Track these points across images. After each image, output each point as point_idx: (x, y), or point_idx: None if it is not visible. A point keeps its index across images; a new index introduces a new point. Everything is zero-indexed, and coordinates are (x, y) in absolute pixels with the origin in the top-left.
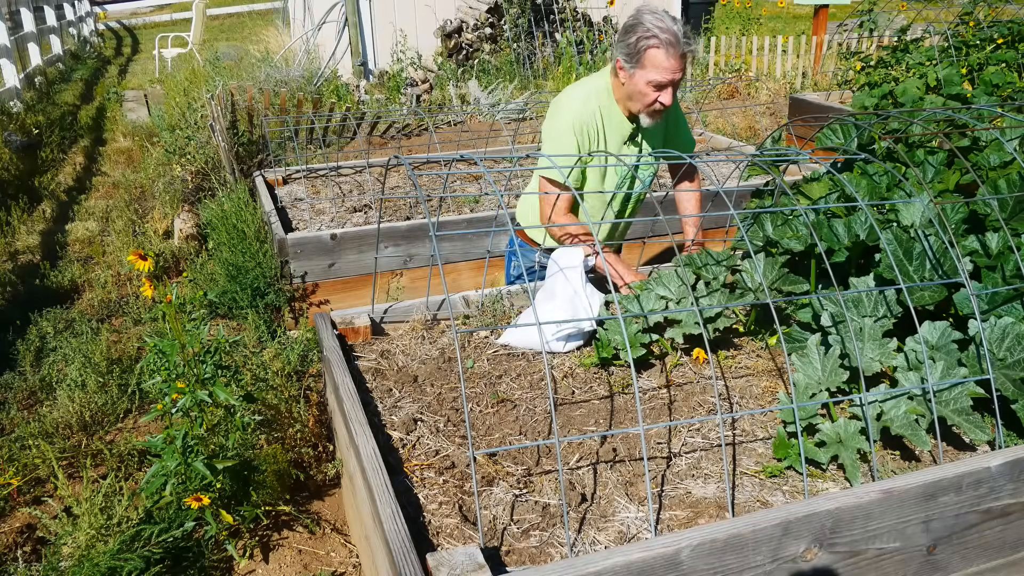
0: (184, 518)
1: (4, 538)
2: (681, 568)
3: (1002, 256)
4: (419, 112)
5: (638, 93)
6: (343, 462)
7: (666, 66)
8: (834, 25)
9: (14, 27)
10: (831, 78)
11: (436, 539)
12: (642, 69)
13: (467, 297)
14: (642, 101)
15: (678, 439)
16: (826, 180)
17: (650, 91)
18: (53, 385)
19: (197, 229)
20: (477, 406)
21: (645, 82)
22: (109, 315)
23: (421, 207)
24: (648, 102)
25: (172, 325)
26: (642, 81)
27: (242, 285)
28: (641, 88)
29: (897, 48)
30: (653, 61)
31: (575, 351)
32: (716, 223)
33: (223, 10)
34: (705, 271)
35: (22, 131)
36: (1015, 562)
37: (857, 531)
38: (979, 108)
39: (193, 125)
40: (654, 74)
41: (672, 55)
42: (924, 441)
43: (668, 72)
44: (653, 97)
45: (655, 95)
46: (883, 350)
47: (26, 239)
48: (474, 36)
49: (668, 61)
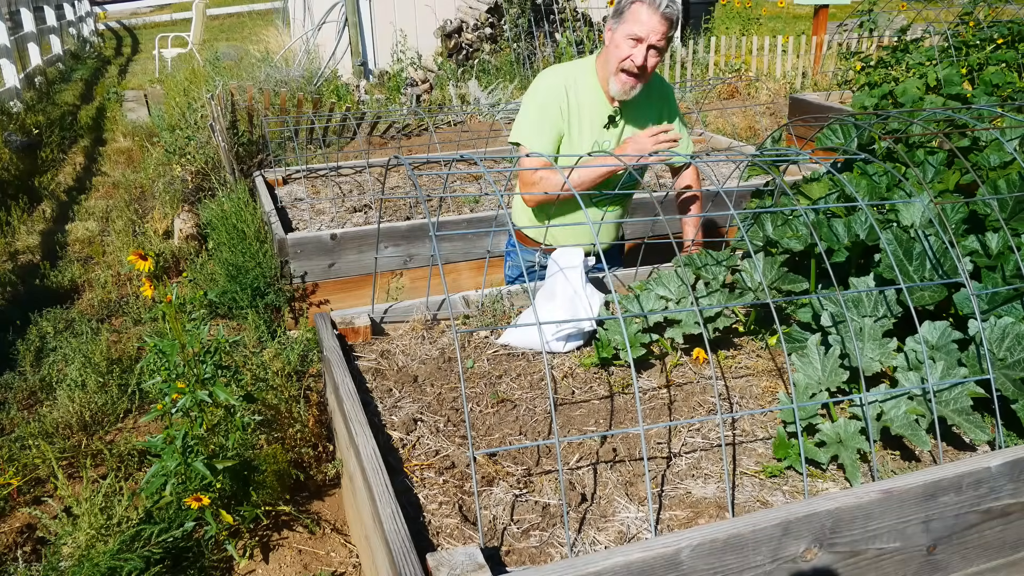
0: (184, 518)
1: (4, 538)
2: (681, 568)
3: (1002, 256)
4: (419, 112)
5: (615, 49)
6: (343, 462)
7: (645, 20)
8: (834, 25)
9: (14, 27)
10: (831, 78)
11: (436, 539)
12: (623, 24)
13: (467, 297)
14: (617, 57)
15: (678, 439)
16: (826, 180)
17: (626, 46)
18: (53, 385)
19: (197, 229)
20: (477, 406)
21: (624, 36)
22: (109, 315)
23: (421, 207)
24: (622, 56)
25: (172, 325)
26: (621, 36)
27: (242, 285)
28: (619, 42)
29: (897, 48)
30: (635, 14)
31: (575, 351)
32: (714, 227)
33: (223, 10)
34: (705, 271)
35: (22, 131)
36: (1015, 562)
37: (857, 531)
38: (979, 108)
39: (193, 125)
40: (633, 26)
41: (654, 13)
42: (924, 441)
43: (647, 27)
44: (628, 53)
45: (630, 52)
46: (883, 350)
47: (26, 239)
48: (474, 36)
49: (649, 17)
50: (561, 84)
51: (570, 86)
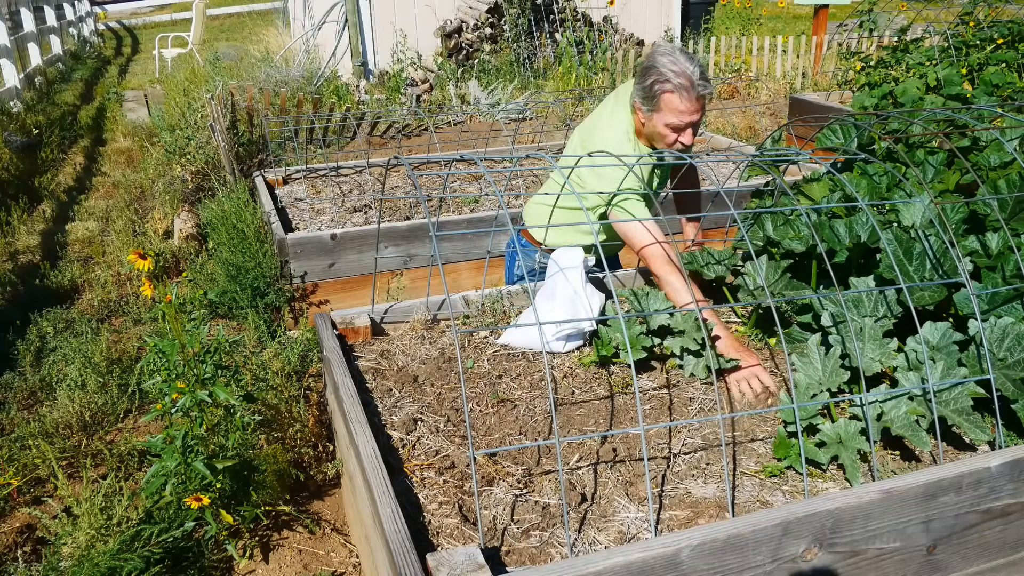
0: (184, 518)
1: (4, 538)
2: (681, 568)
3: (1002, 256)
4: (419, 112)
5: (658, 135)
6: (343, 462)
7: (682, 109)
8: (834, 25)
9: (14, 27)
10: (831, 78)
11: (436, 539)
12: (659, 112)
13: (467, 297)
14: (663, 142)
15: (678, 439)
16: (826, 180)
17: (669, 133)
18: (53, 385)
19: (197, 229)
20: (477, 406)
21: (663, 124)
22: (109, 315)
23: (421, 207)
24: (668, 143)
25: (172, 325)
26: (660, 124)
27: (242, 285)
28: (660, 130)
29: (897, 48)
30: (669, 105)
31: (575, 351)
32: (716, 223)
33: (223, 10)
34: (706, 270)
35: (22, 131)
36: (1015, 562)
37: (857, 531)
38: (979, 108)
39: (193, 125)
40: (671, 117)
41: (687, 98)
42: (924, 442)
43: (684, 115)
44: (673, 138)
45: (674, 136)
46: (883, 350)
47: (26, 239)
48: (474, 36)
49: (683, 104)
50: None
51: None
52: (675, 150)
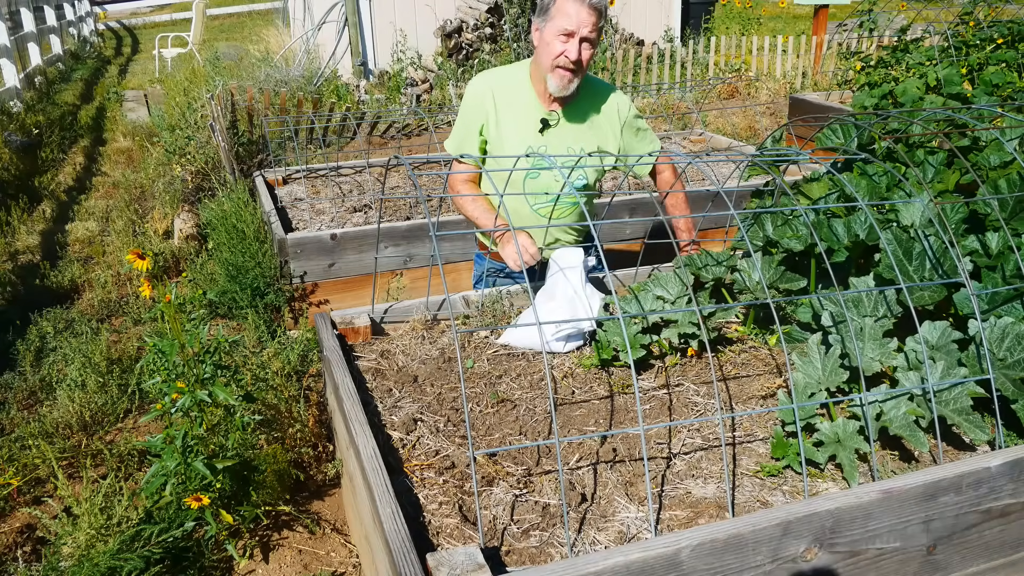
0: (184, 518)
1: (4, 538)
2: (681, 568)
3: (1002, 256)
4: (419, 112)
5: (546, 47)
6: (343, 462)
7: (573, 14)
8: (834, 25)
9: (14, 27)
10: (831, 78)
11: (436, 539)
12: (551, 21)
13: (467, 297)
14: (550, 55)
15: (678, 439)
16: (826, 180)
17: (557, 42)
18: (53, 385)
19: (197, 229)
20: (477, 406)
21: (554, 34)
22: (109, 315)
23: (421, 207)
24: (555, 53)
25: (172, 325)
26: (551, 33)
27: (242, 285)
28: (549, 40)
29: (897, 48)
30: (561, 9)
31: (575, 351)
32: (716, 223)
33: (223, 10)
34: (705, 272)
35: (22, 131)
36: (1015, 562)
37: (857, 531)
38: (979, 108)
39: (193, 125)
40: (562, 21)
41: (581, 5)
42: (922, 442)
43: (576, 21)
44: (560, 49)
45: (562, 48)
46: (883, 350)
47: (26, 239)
48: (474, 36)
49: (577, 11)
50: (486, 89)
51: (496, 90)
52: (560, 66)
